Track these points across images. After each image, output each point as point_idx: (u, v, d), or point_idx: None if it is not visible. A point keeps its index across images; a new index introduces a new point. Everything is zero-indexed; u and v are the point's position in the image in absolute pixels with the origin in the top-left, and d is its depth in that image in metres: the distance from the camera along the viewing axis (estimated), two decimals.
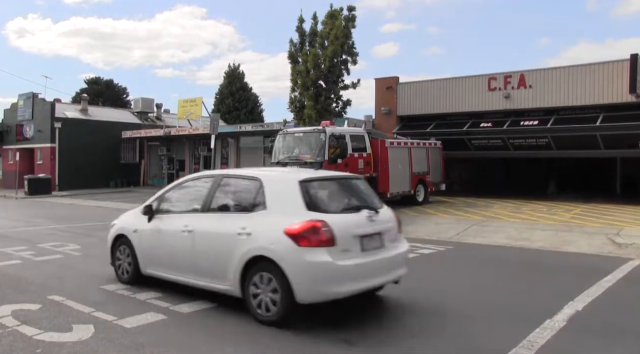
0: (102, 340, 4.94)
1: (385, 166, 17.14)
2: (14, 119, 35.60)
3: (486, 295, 6.97)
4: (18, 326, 5.33)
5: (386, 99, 24.81)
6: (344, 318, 5.81)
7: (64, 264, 8.94)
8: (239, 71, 50.25)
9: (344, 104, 22.13)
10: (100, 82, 56.67)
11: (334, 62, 21.16)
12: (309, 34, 21.93)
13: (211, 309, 6.02)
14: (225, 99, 48.29)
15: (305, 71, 21.13)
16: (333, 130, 15.44)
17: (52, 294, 6.54)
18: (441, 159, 20.83)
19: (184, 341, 5.02)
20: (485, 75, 22.01)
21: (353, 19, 21.59)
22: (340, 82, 21.79)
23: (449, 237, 12.21)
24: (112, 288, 6.93)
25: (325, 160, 14.83)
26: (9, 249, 10.14)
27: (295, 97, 22.17)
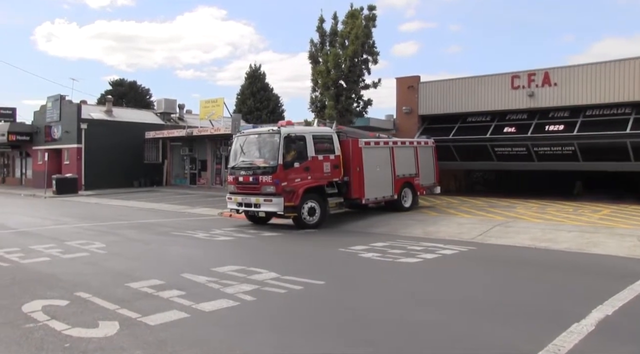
0: (126, 336, 5.04)
1: (359, 169, 15.32)
2: (43, 120, 36.39)
3: (510, 296, 6.90)
4: (48, 321, 5.48)
5: (407, 99, 24.70)
6: (363, 316, 5.83)
7: (89, 262, 9.12)
8: (260, 72, 50.48)
9: (365, 103, 22.10)
10: (124, 83, 57.54)
11: (354, 61, 21.14)
12: (330, 34, 21.94)
13: (233, 308, 6.09)
14: (247, 99, 48.56)
15: (325, 71, 21.14)
16: (289, 131, 13.96)
17: (79, 291, 6.68)
18: (434, 159, 18.96)
19: (206, 339, 5.09)
20: (508, 74, 21.76)
21: (373, 19, 21.54)
22: (361, 81, 21.76)
23: (471, 238, 12.12)
24: (136, 285, 7.05)
25: (280, 164, 13.47)
26: (38, 247, 10.38)
27: (316, 97, 22.22)
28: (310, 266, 8.96)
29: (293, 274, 7.79)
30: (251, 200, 13.86)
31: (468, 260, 9.74)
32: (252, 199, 13.85)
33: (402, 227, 13.90)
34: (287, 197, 13.44)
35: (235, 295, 6.56)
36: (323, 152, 14.56)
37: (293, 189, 13.55)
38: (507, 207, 17.24)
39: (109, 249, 10.36)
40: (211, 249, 10.97)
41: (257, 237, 12.56)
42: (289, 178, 13.58)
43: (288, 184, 13.51)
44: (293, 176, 13.68)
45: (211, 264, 8.56)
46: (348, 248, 10.62)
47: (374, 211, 16.62)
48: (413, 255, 9.80)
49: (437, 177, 18.95)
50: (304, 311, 6.13)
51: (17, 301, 6.25)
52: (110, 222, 14.84)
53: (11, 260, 9.06)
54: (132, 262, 9.33)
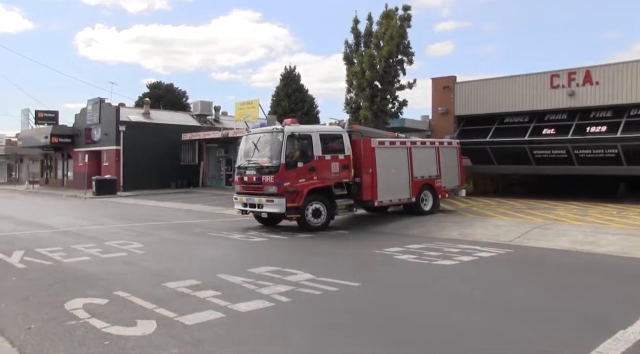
0: (164, 335, 5.09)
1: (371, 170, 14.67)
2: (83, 123, 37.39)
3: (551, 301, 6.70)
4: (89, 318, 5.59)
5: (443, 99, 24.39)
6: (400, 318, 5.75)
7: (128, 261, 9.28)
8: (295, 73, 50.68)
9: (400, 104, 21.94)
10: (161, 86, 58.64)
11: (389, 62, 21.01)
12: (364, 35, 21.87)
13: (269, 308, 6.09)
14: (282, 101, 48.79)
15: (360, 72, 21.08)
16: (293, 129, 13.53)
17: (117, 290, 6.80)
18: (459, 161, 18.07)
19: (241, 339, 5.10)
20: (547, 73, 21.24)
21: (408, 19, 21.38)
22: (396, 82, 21.62)
23: (508, 240, 11.86)
24: (173, 285, 7.13)
25: (282, 164, 13.11)
26: (79, 246, 10.63)
27: (350, 98, 22.17)
28: (345, 268, 8.91)
29: (328, 275, 7.76)
30: (255, 200, 13.62)
31: (506, 263, 9.53)
32: (255, 200, 13.61)
33: (438, 229, 13.70)
34: (289, 197, 13.11)
35: (270, 296, 6.56)
36: (331, 152, 14.03)
37: (296, 189, 13.20)
38: (546, 209, 16.82)
39: (147, 249, 10.53)
40: (246, 250, 11.04)
41: (292, 238, 12.57)
42: (293, 178, 13.20)
43: (291, 184, 13.15)
44: (297, 176, 13.28)
45: (247, 264, 8.60)
46: (383, 250, 10.52)
47: (405, 213, 16.37)
48: (449, 257, 9.64)
49: (462, 180, 18.17)
50: (339, 312, 6.09)
51: (59, 298, 6.40)
52: (148, 222, 15.10)
53: (54, 259, 9.30)
54: (169, 262, 9.46)
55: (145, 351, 4.70)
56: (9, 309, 6.08)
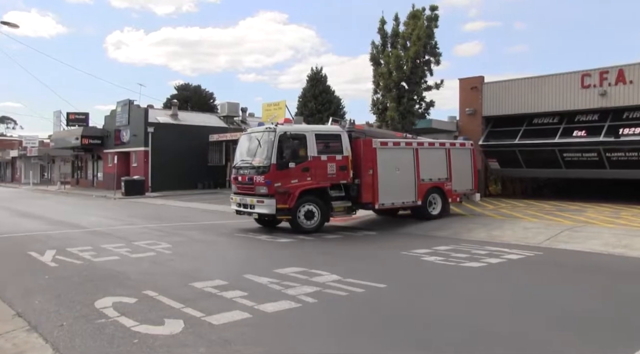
0: (191, 335, 5.13)
1: (372, 171, 14.14)
2: (113, 124, 38.05)
3: (583, 305, 6.55)
4: (118, 317, 5.67)
5: (471, 100, 24.12)
6: (428, 321, 5.69)
7: (156, 261, 9.40)
8: (322, 74, 50.76)
9: (427, 105, 21.80)
10: (188, 88, 59.36)
11: (416, 63, 20.90)
12: (391, 36, 21.80)
13: (295, 309, 6.09)
14: (308, 102, 48.90)
15: (387, 73, 21.00)
16: (286, 129, 13.28)
17: (146, 290, 6.89)
18: (473, 163, 17.01)
19: (267, 340, 5.12)
20: (578, 72, 20.80)
21: (435, 19, 21.23)
22: (423, 83, 21.49)
23: (537, 243, 11.65)
24: (200, 285, 7.18)
25: (273, 164, 12.87)
26: (109, 246, 10.81)
27: (377, 99, 22.11)
28: (372, 269, 8.86)
29: (355, 276, 7.73)
30: (247, 201, 13.50)
31: (535, 265, 9.36)
32: (248, 200, 13.48)
33: (465, 231, 13.54)
34: (280, 198, 12.88)
35: (297, 297, 6.56)
36: (328, 153, 13.64)
37: (288, 190, 12.93)
38: (576, 211, 16.47)
39: (174, 250, 10.64)
40: (273, 250, 11.07)
41: (319, 239, 12.57)
42: (284, 179, 12.96)
43: (282, 185, 12.91)
44: (289, 176, 13.03)
45: (273, 265, 8.62)
46: (410, 251, 10.45)
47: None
48: (477, 259, 9.52)
49: (475, 183, 17.08)
50: (366, 314, 6.05)
51: (90, 297, 6.51)
52: (176, 223, 15.28)
53: (84, 258, 9.47)
54: (196, 262, 9.55)
55: (173, 350, 4.74)
56: (42, 306, 6.21)
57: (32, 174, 54.62)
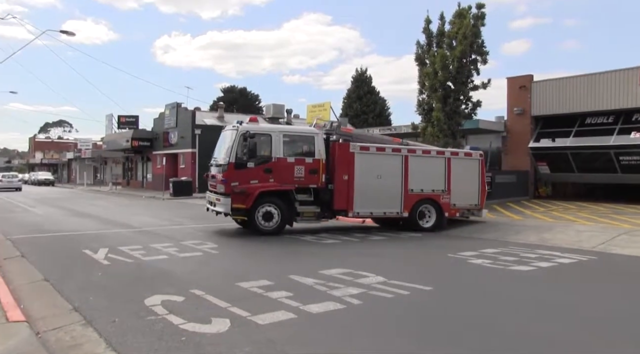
0: (237, 334, 5.19)
1: (347, 177, 13.46)
2: (161, 127, 39.06)
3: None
4: (166, 314, 5.80)
5: (519, 99, 23.57)
6: (474, 325, 5.58)
7: (203, 261, 9.57)
8: (366, 75, 50.65)
9: (473, 105, 21.37)
10: (234, 90, 60.32)
11: (462, 62, 20.53)
12: (436, 35, 21.50)
13: (340, 310, 6.08)
14: (353, 103, 48.90)
15: (432, 73, 20.73)
16: (249, 127, 12.90)
17: (193, 288, 7.01)
18: (480, 176, 15.30)
19: (312, 340, 5.13)
20: (635, 68, 20.04)
21: (482, 17, 20.80)
22: (470, 82, 21.09)
23: (591, 247, 11.25)
24: (246, 285, 7.26)
25: (231, 163, 12.64)
26: (157, 245, 11.08)
27: (423, 100, 21.85)
28: (417, 271, 8.77)
29: (400, 278, 7.66)
30: (212, 198, 13.44)
31: (588, 271, 9.05)
32: (213, 197, 13.42)
33: (514, 233, 13.23)
34: (236, 198, 12.59)
35: (342, 298, 6.55)
36: (298, 155, 13.24)
37: (245, 190, 12.62)
38: (634, 214, 15.83)
39: (221, 250, 10.81)
40: (318, 251, 11.09)
41: (364, 241, 12.53)
42: (242, 178, 12.67)
43: (240, 184, 12.61)
44: (248, 176, 12.73)
45: (318, 266, 8.64)
46: (457, 254, 10.28)
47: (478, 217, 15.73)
48: (526, 263, 9.28)
49: (482, 199, 15.35)
50: (411, 316, 5.99)
51: (140, 294, 6.68)
52: (222, 223, 15.49)
53: (135, 257, 9.74)
54: (242, 262, 9.69)
55: (219, 349, 4.81)
56: (96, 302, 6.42)
57: (86, 175, 56.66)
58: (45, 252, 10.62)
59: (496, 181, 22.38)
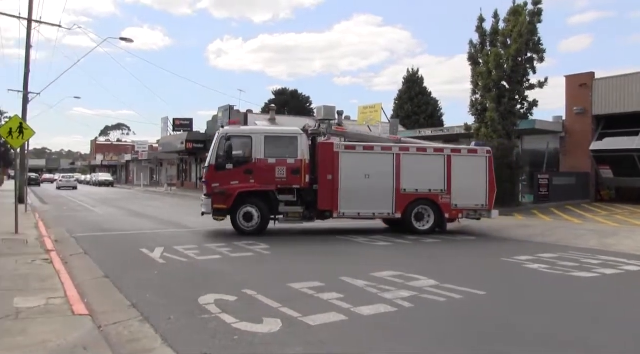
0: (288, 334, 5.23)
1: (331, 177, 13.33)
2: (215, 129, 39.64)
3: None
4: (219, 313, 5.91)
5: (579, 98, 22.74)
6: (530, 333, 5.41)
7: (255, 261, 9.71)
8: (418, 76, 50.08)
9: (529, 105, 20.79)
10: (286, 92, 60.91)
11: (517, 61, 20.03)
12: (490, 34, 21.09)
13: (391, 313, 6.03)
14: (405, 104, 48.47)
15: (486, 72, 20.30)
16: (229, 130, 13.48)
17: (245, 288, 7.11)
18: (488, 175, 14.23)
19: (362, 343, 5.10)
20: None
21: (539, 13, 20.23)
22: (525, 81, 20.53)
23: None
24: (297, 286, 7.30)
25: (212, 165, 13.12)
26: (211, 245, 11.31)
27: (476, 100, 21.43)
28: (470, 275, 8.58)
29: (453, 282, 7.52)
30: (203, 199, 13.76)
31: None
32: (203, 198, 13.74)
33: (573, 238, 12.76)
34: (217, 199, 12.94)
35: (393, 301, 6.50)
36: (280, 155, 13.21)
37: (225, 191, 12.89)
38: None
39: (273, 250, 10.91)
40: (370, 253, 11.04)
41: (417, 243, 12.38)
42: (223, 180, 13.00)
43: (221, 185, 12.94)
44: (228, 177, 13.00)
45: (370, 268, 8.60)
46: (512, 258, 10.01)
47: (535, 219, 15.30)
48: (588, 269, 8.92)
49: (491, 199, 14.23)
50: (464, 321, 5.87)
51: (194, 293, 6.83)
52: (272, 225, 15.64)
53: (189, 256, 9.98)
54: (294, 263, 9.75)
55: (271, 348, 4.86)
56: (152, 299, 6.63)
57: (142, 177, 58.53)
58: (106, 250, 11.04)
59: (554, 183, 21.70)
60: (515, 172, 20.26)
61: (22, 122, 13.24)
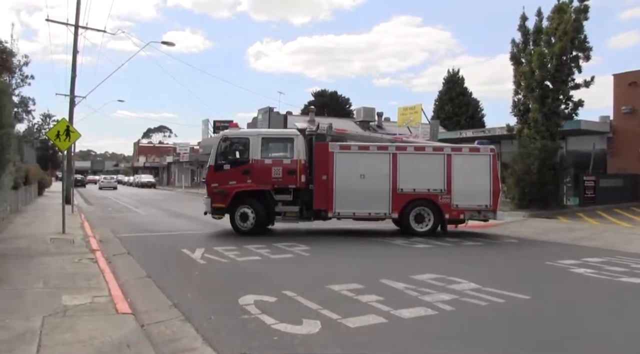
0: (327, 336, 5.22)
1: (326, 177, 13.51)
2: None
3: None
4: (259, 314, 5.95)
5: (628, 97, 22.00)
6: (577, 340, 5.24)
7: (294, 262, 9.75)
8: (458, 76, 49.45)
9: (574, 105, 20.19)
10: (325, 94, 61.06)
11: (562, 60, 19.49)
12: (533, 32, 20.59)
13: (431, 317, 5.96)
14: (445, 105, 47.94)
15: (529, 72, 19.84)
16: (227, 133, 14.38)
17: (285, 289, 7.14)
18: (492, 174, 13.70)
19: (403, 346, 5.05)
20: None
21: (585, 10, 19.62)
22: (570, 81, 19.95)
23: None
24: (337, 288, 7.29)
25: (211, 166, 13.88)
26: (250, 246, 11.40)
27: (518, 100, 20.97)
28: (513, 279, 8.39)
29: (494, 286, 7.37)
30: (204, 199, 14.42)
31: None
32: (204, 198, 14.46)
33: (623, 242, 12.33)
34: (215, 198, 13.56)
35: (433, 304, 6.41)
36: (277, 156, 13.65)
37: (223, 191, 13.47)
38: None
39: (312, 252, 10.93)
40: (409, 256, 10.94)
41: (457, 246, 12.20)
42: (221, 180, 13.58)
43: (219, 185, 13.54)
44: (226, 178, 13.56)
45: (409, 271, 8.51)
46: (556, 262, 9.74)
47: (581, 222, 14.84)
48: (638, 275, 8.59)
49: (495, 200, 13.70)
50: (506, 326, 5.73)
51: (234, 293, 6.90)
52: (312, 226, 15.69)
53: (229, 257, 10.09)
54: (333, 265, 9.74)
55: (310, 350, 4.86)
56: (193, 299, 6.73)
57: (183, 178, 59.65)
58: (148, 250, 11.28)
59: (600, 185, 21.02)
60: (559, 174, 19.72)
61: (68, 125, 13.66)
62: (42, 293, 6.65)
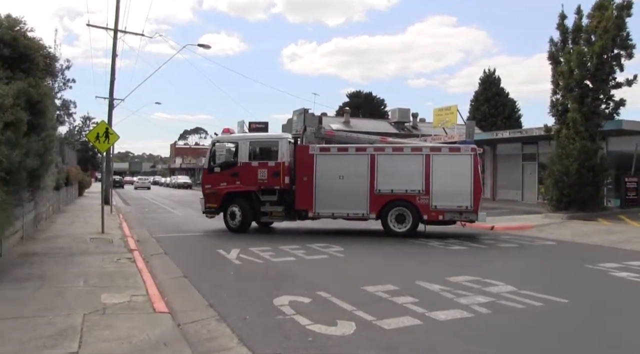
0: (362, 338, 5.22)
1: (306, 178, 14.05)
2: (289, 132, 40.59)
3: None
4: (294, 315, 5.99)
5: None
6: (618, 344, 5.10)
7: (329, 263, 9.77)
8: (495, 76, 48.71)
9: (616, 104, 19.59)
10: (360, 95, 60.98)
11: (602, 58, 18.94)
12: (572, 31, 20.07)
13: (467, 319, 5.89)
14: (481, 105, 47.29)
15: (568, 71, 19.36)
16: (218, 138, 15.48)
17: (319, 290, 7.17)
18: (473, 174, 13.35)
19: (437, 349, 5.01)
20: None
21: (628, 7, 19.01)
22: (611, 80, 19.38)
23: None
24: (372, 289, 7.28)
25: (205, 169, 15.29)
26: (285, 247, 11.48)
27: (557, 100, 20.48)
28: (551, 282, 8.22)
29: (532, 289, 7.24)
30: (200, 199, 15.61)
31: None
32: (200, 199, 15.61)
33: None
34: (209, 199, 14.79)
35: (469, 306, 6.34)
36: (263, 159, 14.48)
37: (216, 192, 14.59)
38: None
39: (347, 253, 10.95)
40: (445, 257, 10.84)
41: (493, 248, 12.03)
42: (214, 182, 14.74)
43: (212, 187, 14.71)
44: (218, 180, 14.66)
45: (445, 273, 8.44)
46: (596, 265, 9.50)
47: (622, 225, 14.43)
48: None
49: (477, 200, 13.33)
50: (543, 331, 5.62)
51: (269, 294, 6.97)
52: (346, 227, 15.69)
53: (264, 258, 10.18)
54: (368, 266, 9.72)
55: (344, 351, 4.87)
56: (229, 299, 6.82)
57: None
58: (184, 250, 11.49)
59: None
60: (598, 175, 19.18)
61: (107, 127, 14.04)
62: (83, 291, 6.85)
